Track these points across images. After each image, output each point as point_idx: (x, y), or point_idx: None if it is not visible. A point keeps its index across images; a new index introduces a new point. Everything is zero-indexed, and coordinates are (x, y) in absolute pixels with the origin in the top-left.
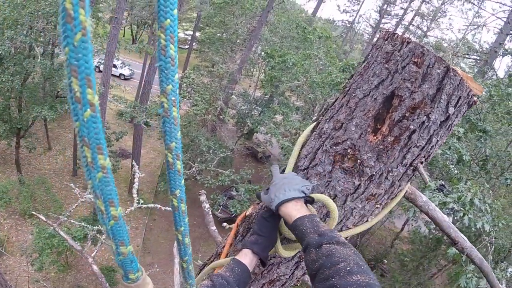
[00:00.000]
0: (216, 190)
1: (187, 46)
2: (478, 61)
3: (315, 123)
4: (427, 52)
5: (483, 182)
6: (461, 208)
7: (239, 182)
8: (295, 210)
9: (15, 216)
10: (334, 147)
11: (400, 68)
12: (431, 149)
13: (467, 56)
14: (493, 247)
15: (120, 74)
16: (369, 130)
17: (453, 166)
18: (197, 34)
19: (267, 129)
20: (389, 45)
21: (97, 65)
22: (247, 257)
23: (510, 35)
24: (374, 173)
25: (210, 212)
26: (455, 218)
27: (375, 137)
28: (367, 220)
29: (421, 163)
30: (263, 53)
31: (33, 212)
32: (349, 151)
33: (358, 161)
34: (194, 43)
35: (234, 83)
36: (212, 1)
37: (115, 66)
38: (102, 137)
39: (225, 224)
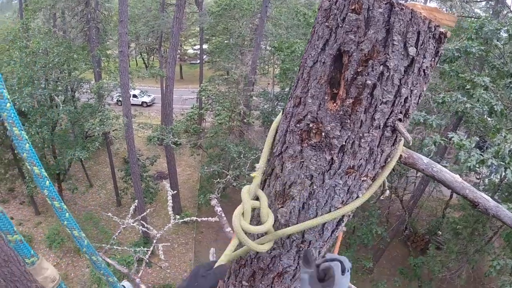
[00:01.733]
0: None
1: (198, 61)
2: (489, 2)
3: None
4: None
5: None
6: (502, 162)
7: None
8: None
9: (70, 254)
10: (298, 125)
11: (340, 21)
12: (406, 102)
13: (476, 0)
14: None
15: (142, 102)
16: (326, 98)
17: (491, 119)
18: (205, 46)
19: None
20: (326, 1)
21: (118, 99)
22: None
23: None
24: (344, 143)
25: (223, 215)
26: (501, 174)
27: (334, 104)
28: (357, 196)
29: (400, 120)
30: (271, 48)
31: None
32: (311, 125)
33: (323, 134)
34: (204, 56)
35: (251, 84)
36: (210, 11)
37: (135, 96)
38: None
39: None
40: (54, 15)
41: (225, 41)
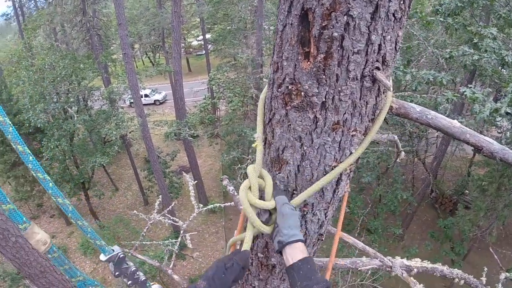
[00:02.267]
0: None
1: (204, 52)
2: None
3: None
4: None
5: None
6: None
7: None
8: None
9: None
10: (279, 90)
11: None
12: (380, 49)
13: None
14: None
15: (155, 100)
16: (300, 58)
17: (505, 71)
18: (208, 35)
19: None
20: None
21: (130, 101)
22: None
23: None
24: (324, 100)
25: (236, 193)
26: None
27: (308, 63)
28: (350, 153)
29: (377, 69)
30: (273, 27)
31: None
32: (290, 87)
33: (303, 93)
34: (209, 45)
35: (259, 66)
36: (208, 0)
37: (147, 95)
38: None
39: None
40: (54, 29)
41: (227, 28)
